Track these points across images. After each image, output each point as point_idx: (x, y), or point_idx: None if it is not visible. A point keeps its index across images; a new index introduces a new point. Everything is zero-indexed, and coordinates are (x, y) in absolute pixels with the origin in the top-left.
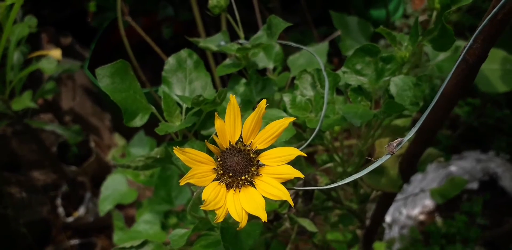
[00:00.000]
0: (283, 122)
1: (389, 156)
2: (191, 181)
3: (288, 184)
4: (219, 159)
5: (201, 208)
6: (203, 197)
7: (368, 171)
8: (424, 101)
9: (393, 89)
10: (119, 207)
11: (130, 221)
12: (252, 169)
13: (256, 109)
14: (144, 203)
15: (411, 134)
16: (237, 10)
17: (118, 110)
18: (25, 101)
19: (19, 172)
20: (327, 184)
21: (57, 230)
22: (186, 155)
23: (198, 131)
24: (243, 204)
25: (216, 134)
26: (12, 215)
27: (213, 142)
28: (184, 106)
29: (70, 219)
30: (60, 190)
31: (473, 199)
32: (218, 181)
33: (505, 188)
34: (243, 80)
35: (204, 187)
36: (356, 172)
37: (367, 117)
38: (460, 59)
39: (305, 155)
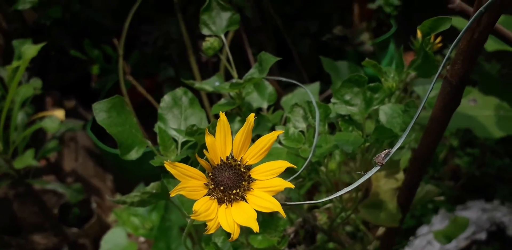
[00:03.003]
0: (272, 136)
1: (378, 167)
2: (182, 192)
3: (287, 222)
4: (210, 174)
5: (191, 218)
6: (194, 208)
7: (359, 182)
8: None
9: (382, 117)
10: None
11: None
12: (244, 183)
13: (245, 123)
14: None
15: (400, 142)
16: (236, 70)
17: (120, 171)
18: (27, 159)
19: (19, 236)
20: (325, 222)
21: None
22: (177, 169)
23: (194, 165)
24: (234, 217)
25: (207, 150)
26: None
27: (204, 159)
28: (180, 141)
29: None
30: None
31: None
32: (210, 196)
33: None
34: (238, 118)
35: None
36: (355, 208)
37: (358, 143)
38: (444, 81)
39: (295, 166)
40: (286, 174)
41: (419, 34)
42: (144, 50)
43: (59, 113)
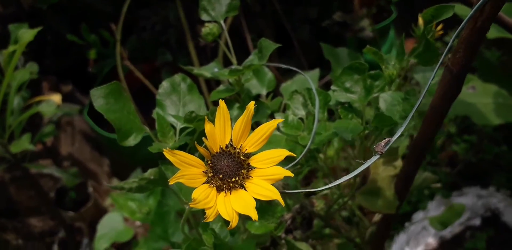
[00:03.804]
0: (272, 124)
1: (378, 156)
2: (181, 180)
3: (284, 209)
4: (209, 162)
5: (190, 206)
6: (193, 195)
7: (358, 171)
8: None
9: (382, 105)
10: (115, 245)
11: None
12: (243, 171)
13: (244, 112)
14: (140, 241)
15: (400, 131)
16: (235, 56)
17: (117, 156)
18: (24, 143)
19: (16, 219)
20: (322, 208)
21: None
22: (176, 157)
23: (192, 151)
24: (233, 205)
25: (206, 138)
26: None
27: (203, 146)
28: (178, 127)
29: None
30: (57, 236)
31: (477, 236)
32: (209, 184)
33: (508, 223)
34: (237, 105)
35: (194, 188)
36: (352, 194)
37: (358, 131)
38: (445, 69)
39: (294, 155)
40: (284, 161)
41: (420, 21)
42: (141, 35)
43: (56, 98)
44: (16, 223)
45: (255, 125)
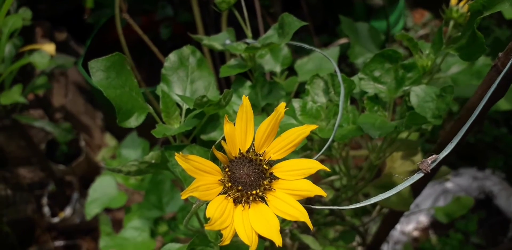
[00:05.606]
0: (303, 130)
1: (421, 174)
2: (194, 194)
3: None
4: (227, 169)
5: (205, 228)
6: (208, 214)
7: (398, 190)
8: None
9: (413, 100)
10: (106, 209)
11: (117, 224)
12: (265, 182)
13: (273, 113)
14: (133, 208)
15: (448, 150)
16: (240, 12)
17: (111, 110)
18: (14, 95)
19: (5, 168)
20: (331, 199)
21: (42, 230)
22: (190, 163)
23: (197, 135)
24: (253, 224)
25: (224, 140)
26: None
27: (220, 149)
28: (184, 107)
29: (55, 220)
30: (46, 189)
31: (468, 217)
32: (225, 195)
33: (500, 206)
34: (248, 83)
35: (208, 201)
36: (365, 186)
37: (386, 130)
38: (492, 69)
39: (328, 169)
40: (299, 149)
41: (452, 2)
42: None
43: (49, 48)
44: (5, 172)
45: (267, 107)
